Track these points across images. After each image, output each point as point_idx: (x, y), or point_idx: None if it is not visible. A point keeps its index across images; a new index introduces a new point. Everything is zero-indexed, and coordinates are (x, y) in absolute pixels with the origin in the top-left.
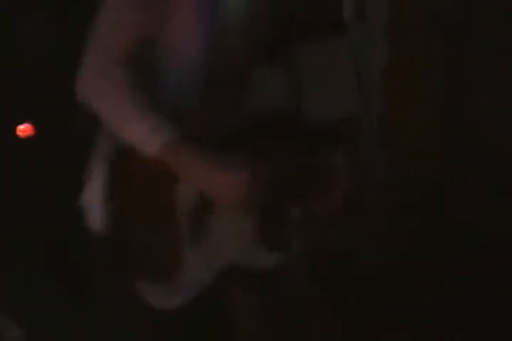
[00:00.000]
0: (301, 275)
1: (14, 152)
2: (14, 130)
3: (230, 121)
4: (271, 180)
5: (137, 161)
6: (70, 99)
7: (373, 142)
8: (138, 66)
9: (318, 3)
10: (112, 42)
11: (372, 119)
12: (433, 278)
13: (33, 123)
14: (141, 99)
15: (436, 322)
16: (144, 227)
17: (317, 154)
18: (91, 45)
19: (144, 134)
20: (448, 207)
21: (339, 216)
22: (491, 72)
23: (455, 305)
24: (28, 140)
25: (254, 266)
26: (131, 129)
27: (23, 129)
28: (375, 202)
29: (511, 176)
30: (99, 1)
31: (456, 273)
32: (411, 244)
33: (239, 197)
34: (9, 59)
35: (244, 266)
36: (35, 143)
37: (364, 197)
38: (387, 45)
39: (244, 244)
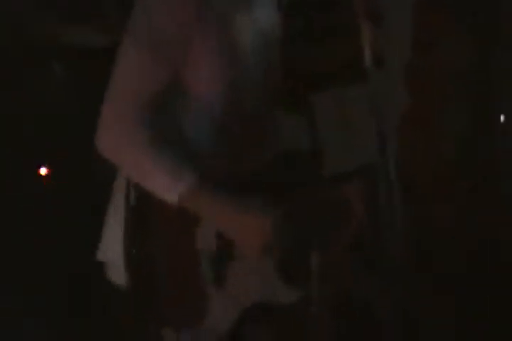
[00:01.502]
0: (318, 314)
1: (37, 194)
2: (37, 172)
3: (249, 165)
4: (290, 223)
5: (158, 207)
6: (91, 147)
7: (391, 188)
8: (158, 113)
9: (338, 52)
10: (134, 86)
11: (390, 165)
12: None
13: (55, 167)
14: (161, 148)
15: None
16: (166, 274)
17: (334, 198)
18: (111, 87)
19: (164, 183)
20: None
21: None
22: None
23: None
24: (51, 182)
25: (275, 304)
26: (152, 179)
27: (44, 172)
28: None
29: None
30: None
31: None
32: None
33: (260, 240)
34: (34, 105)
35: (267, 304)
36: (57, 185)
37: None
38: (406, 91)
39: (267, 284)
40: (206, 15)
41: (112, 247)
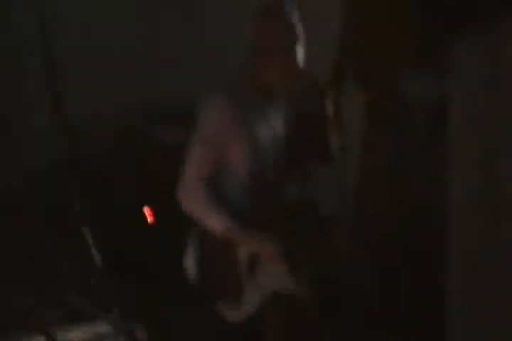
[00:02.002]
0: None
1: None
2: (143, 212)
3: (266, 213)
4: (286, 246)
5: (214, 236)
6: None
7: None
8: (213, 182)
9: (316, 142)
10: (197, 167)
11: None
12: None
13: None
14: (217, 207)
15: None
16: (220, 273)
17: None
18: (187, 168)
19: (214, 224)
20: None
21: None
22: None
23: None
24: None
25: (284, 292)
26: (208, 220)
27: (147, 212)
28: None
29: None
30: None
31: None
32: None
33: (271, 255)
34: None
35: (279, 292)
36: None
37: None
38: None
39: (279, 280)
40: (238, 126)
41: (189, 260)
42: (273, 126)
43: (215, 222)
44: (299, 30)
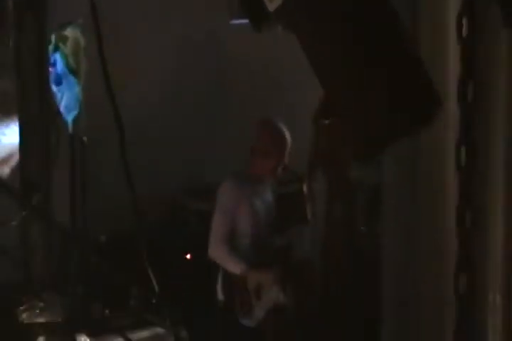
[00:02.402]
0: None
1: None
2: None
3: (265, 256)
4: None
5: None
6: None
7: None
8: (229, 238)
9: (296, 211)
10: (218, 230)
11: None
12: None
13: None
14: (231, 253)
15: None
16: (238, 295)
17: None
18: (213, 232)
19: (234, 269)
20: None
21: None
22: None
23: None
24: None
25: (281, 305)
26: (230, 267)
27: (189, 256)
28: None
29: None
30: None
31: None
32: None
33: (272, 282)
34: None
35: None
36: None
37: None
38: None
39: (276, 298)
40: (243, 201)
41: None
42: (265, 201)
43: (233, 267)
44: (289, 139)
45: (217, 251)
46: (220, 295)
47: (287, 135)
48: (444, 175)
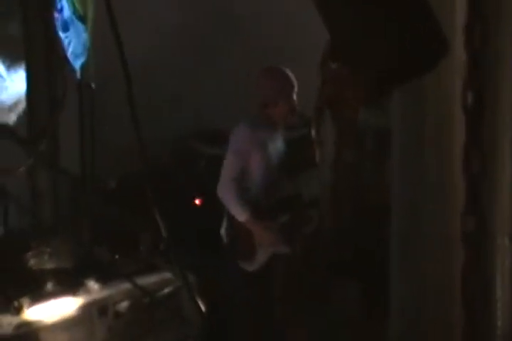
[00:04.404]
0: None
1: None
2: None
3: (270, 202)
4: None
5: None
6: None
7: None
8: (239, 180)
9: (305, 155)
10: (230, 170)
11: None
12: None
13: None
14: (239, 196)
15: None
16: (241, 240)
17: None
18: (223, 171)
19: (238, 213)
20: None
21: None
22: None
23: None
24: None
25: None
26: (234, 210)
27: (198, 201)
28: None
29: None
30: None
31: None
32: None
33: (274, 239)
34: None
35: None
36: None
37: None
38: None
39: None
40: (255, 145)
41: (223, 230)
42: (277, 147)
43: (239, 214)
44: (294, 81)
45: (226, 191)
46: (225, 239)
47: (292, 78)
48: (452, 119)
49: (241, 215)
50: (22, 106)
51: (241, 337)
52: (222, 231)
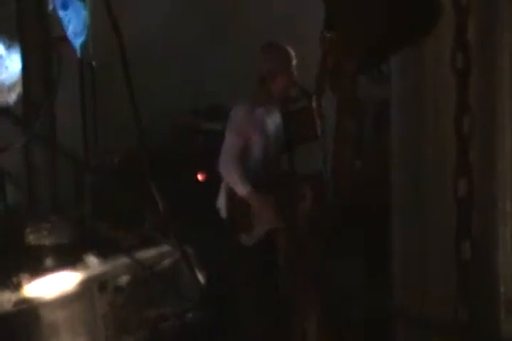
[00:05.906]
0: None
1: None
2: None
3: (269, 178)
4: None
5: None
6: None
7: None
8: (241, 157)
9: (306, 127)
10: (231, 148)
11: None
12: None
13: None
14: (241, 173)
15: None
16: (240, 213)
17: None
18: (225, 149)
19: (240, 188)
20: None
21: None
22: None
23: None
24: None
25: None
26: (236, 186)
27: (201, 176)
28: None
29: None
30: None
31: None
32: None
33: (273, 213)
34: None
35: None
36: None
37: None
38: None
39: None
40: (254, 124)
41: (221, 199)
42: (275, 121)
43: (240, 189)
44: (292, 54)
45: (228, 167)
46: (223, 213)
47: (290, 52)
48: (449, 84)
49: (243, 190)
50: (20, 86)
51: (242, 311)
52: (220, 204)
